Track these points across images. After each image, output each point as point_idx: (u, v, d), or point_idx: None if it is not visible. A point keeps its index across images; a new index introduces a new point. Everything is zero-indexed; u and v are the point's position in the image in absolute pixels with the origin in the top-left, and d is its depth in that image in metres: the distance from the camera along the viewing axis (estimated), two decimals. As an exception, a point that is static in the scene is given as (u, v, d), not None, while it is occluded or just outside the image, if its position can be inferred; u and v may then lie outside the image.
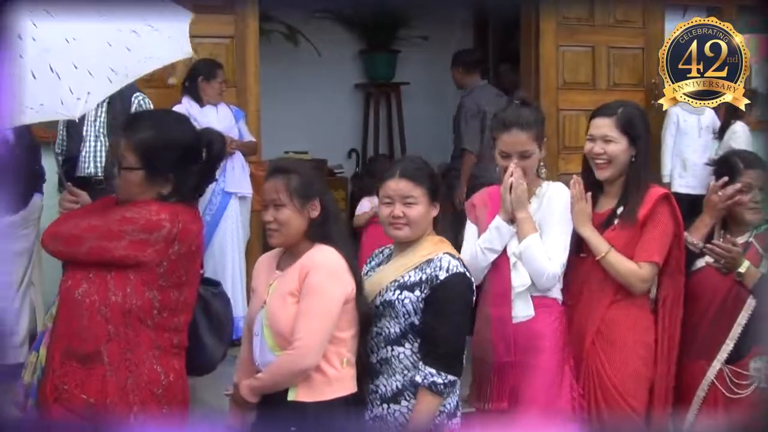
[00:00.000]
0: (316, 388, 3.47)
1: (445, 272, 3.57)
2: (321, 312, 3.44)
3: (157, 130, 3.38)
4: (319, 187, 3.60)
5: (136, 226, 3.22)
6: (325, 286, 3.46)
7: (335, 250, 3.51)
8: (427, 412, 3.53)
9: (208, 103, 7.05)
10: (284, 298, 3.50)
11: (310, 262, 3.50)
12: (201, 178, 3.42)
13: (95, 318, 3.25)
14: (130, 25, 3.50)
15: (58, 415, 3.26)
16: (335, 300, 3.45)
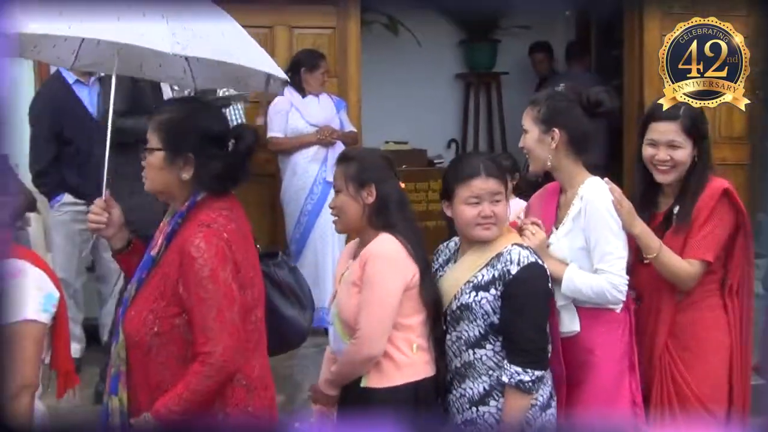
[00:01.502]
0: (385, 374, 3.50)
1: (516, 266, 3.50)
2: (379, 302, 3.45)
3: (179, 111, 3.33)
4: (377, 174, 3.58)
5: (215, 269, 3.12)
6: (381, 275, 3.46)
7: (395, 237, 3.50)
8: (518, 411, 3.49)
9: (310, 94, 7.12)
10: (349, 287, 3.53)
11: (368, 252, 3.51)
12: (226, 169, 3.24)
13: (175, 367, 3.16)
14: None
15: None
16: (393, 289, 3.46)
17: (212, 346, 3.05)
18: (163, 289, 3.15)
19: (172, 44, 3.30)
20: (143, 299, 3.20)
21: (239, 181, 3.32)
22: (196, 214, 3.19)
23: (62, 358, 3.24)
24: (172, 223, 3.24)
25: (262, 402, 3.29)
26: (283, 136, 7.09)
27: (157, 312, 3.14)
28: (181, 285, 3.10)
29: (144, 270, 3.26)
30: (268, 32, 7.70)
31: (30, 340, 3.11)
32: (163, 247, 3.22)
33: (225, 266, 3.10)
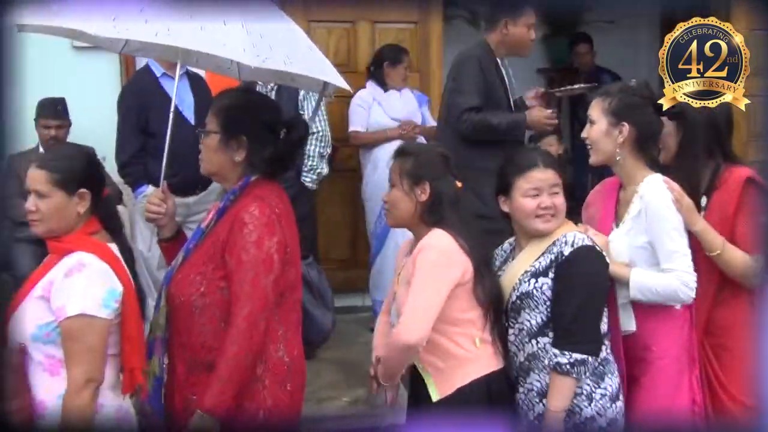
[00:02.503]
0: (449, 377, 3.47)
1: (570, 247, 3.49)
2: (425, 290, 3.41)
3: (238, 99, 3.53)
4: (432, 171, 3.57)
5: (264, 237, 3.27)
6: (430, 265, 3.43)
7: (447, 232, 3.48)
8: (559, 395, 3.44)
9: (393, 88, 7.13)
10: (406, 287, 3.51)
11: (420, 245, 3.50)
12: (276, 154, 3.43)
13: (218, 328, 3.30)
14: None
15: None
16: (442, 279, 3.42)
17: (242, 307, 3.21)
18: (211, 254, 3.33)
19: (252, 57, 3.39)
20: (191, 264, 3.39)
21: (287, 168, 3.52)
22: (251, 190, 3.38)
23: (128, 354, 3.27)
24: (224, 199, 3.43)
25: (297, 381, 3.43)
26: (365, 130, 7.12)
27: (206, 274, 3.33)
28: (227, 248, 3.28)
29: (193, 241, 3.46)
30: (351, 27, 7.75)
31: (92, 334, 3.14)
32: (214, 221, 3.40)
33: (272, 237, 3.28)
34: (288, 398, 3.36)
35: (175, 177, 3.63)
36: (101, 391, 3.19)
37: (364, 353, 5.49)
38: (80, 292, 3.14)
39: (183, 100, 6.15)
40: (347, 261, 7.62)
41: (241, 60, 3.47)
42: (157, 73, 6.16)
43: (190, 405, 3.30)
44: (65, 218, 3.28)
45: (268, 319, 3.29)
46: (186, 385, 3.35)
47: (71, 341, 3.13)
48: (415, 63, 7.60)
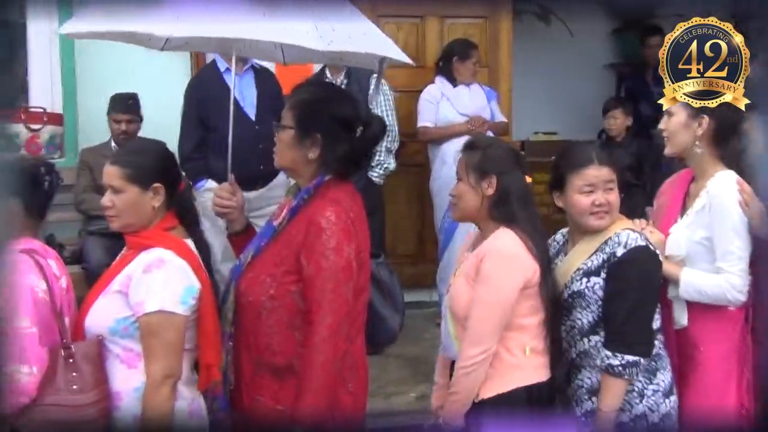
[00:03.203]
0: (493, 378, 3.42)
1: (623, 248, 3.43)
2: (492, 301, 3.38)
3: (314, 94, 3.45)
4: (500, 165, 3.50)
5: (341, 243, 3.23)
6: (497, 273, 3.39)
7: (515, 233, 3.42)
8: (611, 396, 3.40)
9: (462, 83, 7.12)
10: (463, 280, 3.49)
11: (486, 247, 3.45)
12: (351, 154, 3.35)
13: (284, 332, 3.28)
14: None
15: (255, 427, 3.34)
16: (508, 288, 3.38)
17: (323, 316, 3.17)
18: (283, 256, 3.28)
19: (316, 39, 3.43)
20: (261, 264, 3.34)
21: (361, 167, 3.47)
22: (325, 192, 3.33)
23: (204, 351, 3.30)
24: (297, 198, 3.37)
25: (360, 381, 3.40)
26: (433, 125, 7.11)
27: (276, 276, 3.28)
28: (303, 253, 3.23)
29: (264, 239, 3.41)
30: (420, 22, 7.75)
31: (171, 331, 3.17)
32: (286, 219, 3.35)
33: (350, 243, 3.22)
34: (351, 399, 3.33)
35: (234, 172, 3.64)
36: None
37: (431, 349, 5.51)
38: (159, 289, 3.17)
39: (244, 96, 6.20)
40: (414, 256, 7.63)
41: (308, 45, 3.48)
42: (221, 68, 6.21)
43: (258, 405, 3.31)
44: (140, 213, 3.30)
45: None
46: (252, 385, 3.34)
47: (150, 337, 3.16)
48: (484, 58, 7.58)
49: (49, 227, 3.50)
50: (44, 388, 3.10)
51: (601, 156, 3.54)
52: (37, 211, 3.40)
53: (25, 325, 3.09)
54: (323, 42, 3.44)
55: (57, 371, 3.14)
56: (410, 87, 7.48)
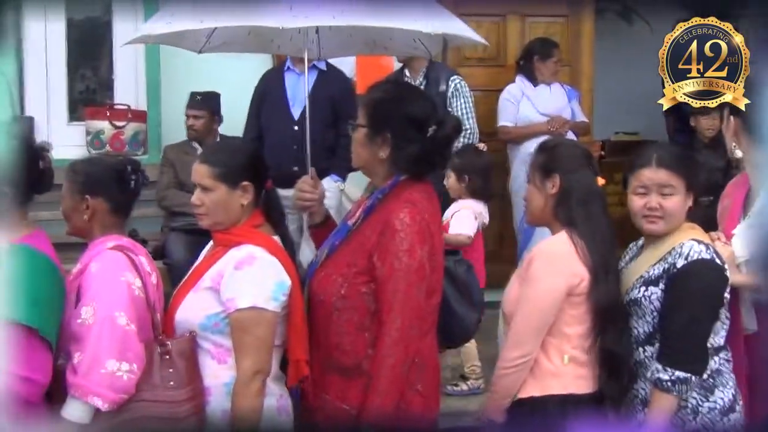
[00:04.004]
0: (530, 380, 3.39)
1: (683, 259, 3.32)
2: (534, 302, 3.35)
3: (387, 92, 3.44)
4: (565, 164, 3.46)
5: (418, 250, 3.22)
6: (541, 275, 3.36)
7: (569, 236, 3.37)
8: (659, 412, 3.31)
9: (542, 83, 7.08)
10: (515, 279, 3.49)
11: (536, 248, 3.45)
12: (422, 154, 3.31)
13: (354, 333, 3.28)
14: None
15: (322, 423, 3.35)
16: (549, 291, 3.34)
17: (394, 317, 3.17)
18: (356, 257, 3.28)
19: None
20: (335, 263, 3.35)
21: (436, 166, 3.42)
22: (400, 193, 3.31)
23: (294, 346, 3.32)
24: (372, 198, 3.37)
25: (430, 381, 3.38)
26: (513, 125, 7.09)
27: (347, 276, 3.28)
28: (376, 254, 3.23)
29: (338, 237, 3.42)
30: (501, 21, 7.72)
31: (262, 327, 3.20)
32: (361, 218, 3.35)
33: (423, 245, 3.21)
34: (421, 399, 3.32)
35: (274, 170, 3.67)
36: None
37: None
38: (251, 285, 3.21)
39: (295, 96, 6.23)
40: (493, 255, 7.58)
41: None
42: (284, 67, 6.26)
43: (324, 404, 3.33)
44: (230, 211, 3.33)
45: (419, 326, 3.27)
46: (319, 383, 3.35)
47: (241, 333, 3.19)
48: (565, 57, 7.52)
49: (131, 223, 3.56)
50: (141, 383, 3.14)
51: (661, 158, 3.42)
52: (123, 208, 3.46)
53: (124, 322, 3.13)
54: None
55: (153, 367, 3.18)
56: (490, 86, 7.46)
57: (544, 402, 3.37)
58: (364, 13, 3.60)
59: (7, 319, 2.97)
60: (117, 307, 3.14)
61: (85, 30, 7.86)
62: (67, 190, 3.41)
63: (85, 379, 3.06)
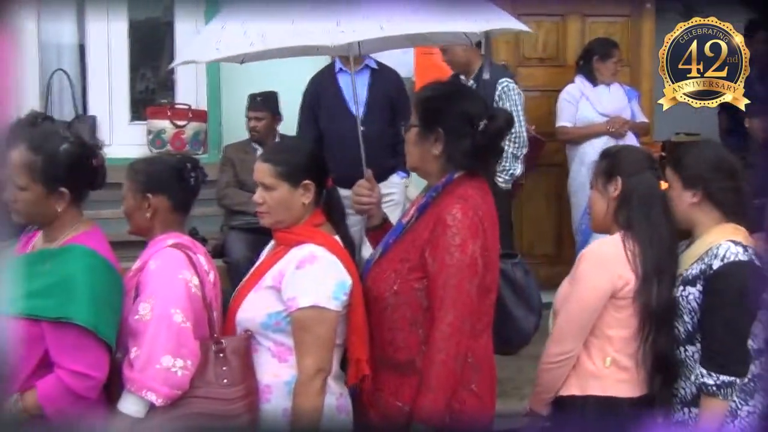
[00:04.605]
0: (573, 380, 3.41)
1: (719, 261, 3.31)
2: (576, 301, 3.37)
3: (435, 90, 3.46)
4: (626, 167, 3.46)
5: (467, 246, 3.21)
6: (586, 275, 3.38)
7: (625, 239, 3.37)
8: (707, 416, 3.31)
9: (602, 83, 7.03)
10: (567, 279, 3.50)
11: (585, 249, 3.46)
12: (475, 148, 3.30)
13: (407, 328, 3.29)
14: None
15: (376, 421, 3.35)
16: (592, 291, 3.35)
17: (445, 313, 3.17)
18: (409, 253, 3.29)
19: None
20: (388, 260, 3.36)
21: (489, 161, 3.43)
22: (454, 189, 3.31)
23: (354, 345, 3.33)
24: (426, 196, 3.38)
25: (485, 381, 3.35)
26: (572, 125, 7.05)
27: (400, 272, 3.29)
28: (428, 249, 3.23)
29: (393, 236, 3.44)
30: (560, 21, 7.68)
31: (323, 326, 3.22)
32: (415, 216, 3.37)
33: (475, 240, 3.20)
34: (475, 399, 3.31)
35: (336, 171, 3.67)
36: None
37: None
38: (312, 284, 3.22)
39: (353, 96, 6.24)
40: (552, 257, 7.57)
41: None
42: (336, 68, 6.27)
43: (377, 400, 3.34)
44: (291, 209, 3.36)
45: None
46: (374, 381, 3.36)
47: (302, 332, 3.21)
48: (625, 57, 7.46)
49: (191, 221, 3.60)
50: (195, 380, 3.18)
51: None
52: (183, 206, 3.49)
53: (180, 319, 3.18)
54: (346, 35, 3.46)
55: (208, 365, 3.22)
56: (550, 86, 7.44)
57: (584, 402, 3.41)
58: (409, 18, 3.59)
59: (65, 319, 3.03)
60: (174, 304, 3.18)
61: (146, 30, 7.96)
62: (128, 190, 3.45)
63: (140, 374, 3.11)
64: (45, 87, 7.48)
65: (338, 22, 3.43)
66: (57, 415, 3.06)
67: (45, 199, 3.19)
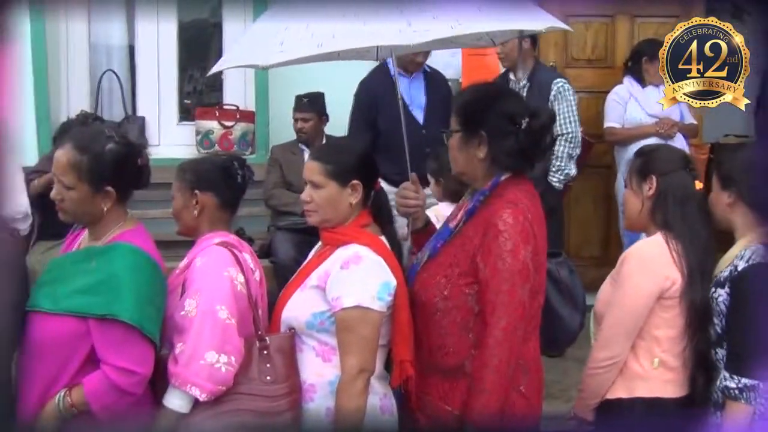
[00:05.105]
0: (619, 383, 3.40)
1: (744, 262, 3.29)
2: (623, 304, 3.35)
3: (475, 94, 3.44)
4: (661, 166, 3.45)
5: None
6: (632, 277, 3.35)
7: (665, 239, 3.35)
8: (730, 421, 3.26)
9: (651, 84, 6.96)
10: (608, 281, 3.48)
11: (628, 250, 3.43)
12: (519, 147, 3.26)
13: (457, 334, 3.27)
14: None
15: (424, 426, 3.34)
16: (639, 293, 3.33)
17: (498, 318, 3.14)
18: (459, 258, 3.26)
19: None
20: (437, 265, 3.34)
21: (534, 160, 3.37)
22: (502, 193, 3.28)
23: (398, 346, 3.33)
24: (473, 200, 3.35)
25: (533, 383, 3.33)
26: (621, 126, 7.01)
27: (450, 278, 3.27)
28: (480, 255, 3.21)
29: (440, 240, 3.41)
30: (609, 21, 7.64)
31: (366, 326, 3.21)
32: (462, 221, 3.34)
33: (527, 245, 3.17)
34: (523, 401, 3.29)
35: (400, 174, 3.65)
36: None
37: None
38: (356, 285, 3.22)
39: (413, 99, 6.23)
40: (599, 259, 7.51)
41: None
42: (392, 71, 6.27)
43: (425, 405, 3.33)
44: (338, 209, 3.36)
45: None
46: (421, 384, 3.35)
47: (346, 332, 3.21)
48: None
49: (239, 221, 3.62)
50: (238, 377, 3.21)
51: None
52: (230, 204, 3.52)
53: (225, 315, 3.20)
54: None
55: (252, 362, 3.25)
56: (598, 87, 7.41)
57: (631, 404, 3.39)
58: (478, 18, 3.58)
59: (110, 316, 3.07)
60: (219, 301, 3.21)
61: (194, 31, 8.02)
62: (176, 189, 3.48)
63: (184, 369, 3.14)
64: (95, 88, 7.57)
65: (409, 22, 3.42)
66: (103, 410, 3.10)
67: (91, 197, 3.22)
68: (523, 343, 3.25)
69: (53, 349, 3.12)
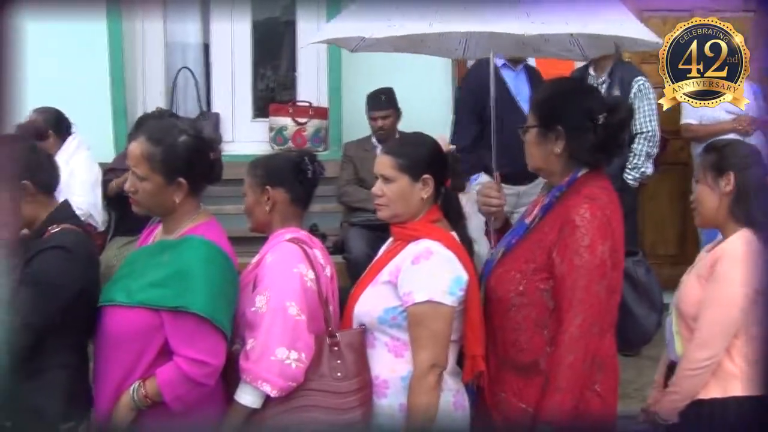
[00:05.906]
0: (713, 382, 3.36)
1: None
2: (723, 304, 3.31)
3: (550, 88, 3.47)
4: (738, 161, 3.43)
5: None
6: (730, 276, 3.30)
7: (755, 235, 3.32)
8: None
9: (729, 79, 6.87)
10: (695, 280, 3.42)
11: (721, 249, 3.37)
12: (597, 143, 3.25)
13: (531, 329, 3.25)
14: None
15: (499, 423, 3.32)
16: (741, 292, 3.28)
17: (574, 314, 3.13)
18: (534, 254, 3.25)
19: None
20: (512, 260, 3.33)
21: (612, 155, 3.36)
22: (579, 189, 3.26)
23: (470, 342, 3.32)
24: (550, 196, 3.35)
25: (608, 382, 3.30)
26: (698, 122, 6.92)
27: (525, 273, 3.26)
28: (556, 250, 3.19)
29: (515, 235, 3.41)
30: (688, 16, 7.53)
31: (438, 321, 3.21)
32: (539, 216, 3.33)
33: (605, 240, 3.15)
34: (599, 400, 3.26)
35: (508, 167, 3.63)
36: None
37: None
38: (428, 280, 3.23)
39: (520, 92, 6.21)
40: (675, 257, 7.43)
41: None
42: (498, 64, 6.24)
43: (500, 402, 3.31)
44: (409, 203, 3.36)
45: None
46: (495, 381, 3.34)
47: (418, 327, 3.22)
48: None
49: (312, 217, 3.65)
50: (309, 373, 3.23)
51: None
52: (301, 199, 3.54)
53: (295, 312, 3.22)
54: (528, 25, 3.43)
55: (322, 358, 3.27)
56: (662, 87, 7.30)
57: (725, 404, 3.36)
58: (595, 20, 3.57)
59: (183, 308, 3.12)
60: (289, 297, 3.23)
61: (267, 30, 8.08)
62: (248, 186, 3.52)
63: (255, 365, 3.18)
64: (171, 85, 7.67)
65: (528, 13, 3.44)
66: (176, 401, 3.15)
67: (164, 189, 3.26)
68: (599, 340, 3.22)
69: (128, 341, 3.17)
